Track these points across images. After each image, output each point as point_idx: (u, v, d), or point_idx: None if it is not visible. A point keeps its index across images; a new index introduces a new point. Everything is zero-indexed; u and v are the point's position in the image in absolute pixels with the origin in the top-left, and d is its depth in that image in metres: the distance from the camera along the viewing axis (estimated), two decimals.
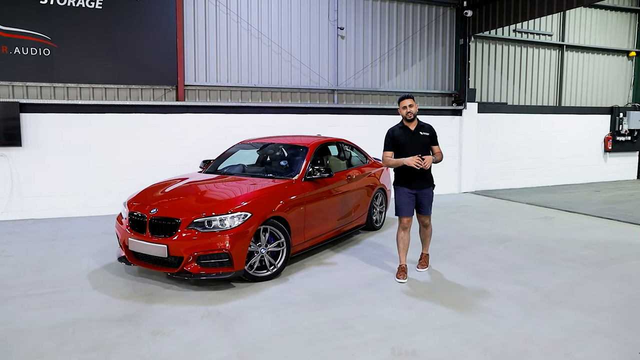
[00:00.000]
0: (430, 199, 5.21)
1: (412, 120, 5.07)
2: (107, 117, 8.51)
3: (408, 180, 5.08)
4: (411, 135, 5.07)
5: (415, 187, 5.09)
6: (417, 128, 5.10)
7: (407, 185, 5.10)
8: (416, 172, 4.99)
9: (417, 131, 5.08)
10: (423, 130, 5.11)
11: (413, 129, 5.09)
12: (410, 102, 5.02)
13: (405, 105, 5.02)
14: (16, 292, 4.71)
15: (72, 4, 8.20)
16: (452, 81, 11.58)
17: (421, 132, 5.09)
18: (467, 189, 11.50)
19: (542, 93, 12.69)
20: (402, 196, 5.13)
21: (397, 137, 5.11)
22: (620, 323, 4.07)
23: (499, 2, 10.43)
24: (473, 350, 3.56)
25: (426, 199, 5.16)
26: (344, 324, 4.03)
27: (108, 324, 3.97)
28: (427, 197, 5.16)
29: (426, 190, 5.14)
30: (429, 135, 5.11)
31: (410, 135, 5.07)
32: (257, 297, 4.62)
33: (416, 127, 5.10)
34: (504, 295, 4.70)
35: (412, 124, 5.10)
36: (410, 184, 5.08)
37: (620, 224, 7.99)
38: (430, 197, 5.21)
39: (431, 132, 5.15)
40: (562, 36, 12.66)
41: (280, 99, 10.01)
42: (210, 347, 3.60)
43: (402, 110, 5.06)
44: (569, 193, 11.26)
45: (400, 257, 5.20)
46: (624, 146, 13.30)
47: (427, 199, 5.17)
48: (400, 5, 10.89)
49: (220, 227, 4.68)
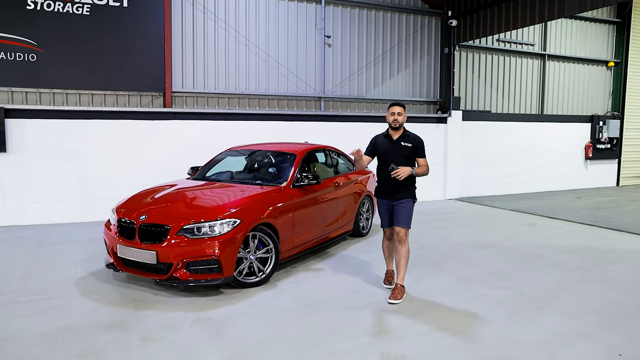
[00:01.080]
0: (407, 210, 4.79)
1: (397, 128, 4.83)
2: (94, 123, 8.47)
3: (382, 190, 4.92)
4: (392, 144, 4.84)
5: (389, 197, 4.84)
6: (400, 138, 4.84)
7: (381, 195, 4.93)
8: (390, 183, 4.76)
9: (398, 141, 4.83)
10: (406, 141, 4.83)
11: (395, 138, 4.85)
12: (399, 109, 4.80)
13: (394, 112, 4.80)
14: (2, 299, 4.66)
15: (60, 10, 8.17)
16: (437, 89, 11.77)
17: (403, 143, 4.82)
18: (452, 196, 11.66)
19: (525, 101, 12.96)
20: (379, 207, 5.00)
21: (378, 144, 4.94)
22: (602, 326, 4.19)
23: (482, 12, 10.66)
24: (461, 354, 3.64)
25: (401, 210, 4.78)
26: (334, 329, 4.08)
27: (97, 331, 3.96)
28: (402, 208, 4.78)
29: (403, 202, 4.79)
30: (411, 146, 4.81)
31: (391, 145, 4.85)
32: (247, 303, 4.64)
33: (399, 136, 4.85)
34: (489, 300, 4.79)
35: (396, 132, 4.86)
36: (384, 194, 4.89)
37: (601, 230, 8.18)
38: (407, 209, 4.79)
39: (415, 144, 4.83)
40: (543, 46, 12.96)
41: (268, 106, 10.07)
42: (201, 352, 3.62)
43: (389, 116, 4.85)
44: (551, 200, 11.48)
45: (387, 264, 5.18)
46: (604, 154, 13.63)
47: (401, 210, 4.78)
48: (387, 14, 11.05)
49: (210, 234, 4.70)
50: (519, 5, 9.80)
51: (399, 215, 4.80)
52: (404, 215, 4.80)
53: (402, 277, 4.89)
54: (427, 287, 5.20)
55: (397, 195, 4.81)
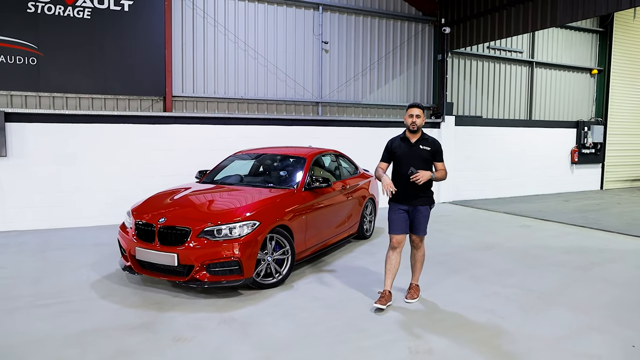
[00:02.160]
0: (425, 217, 4.71)
1: (415, 131, 4.67)
2: (94, 127, 8.43)
3: (399, 196, 4.63)
4: (410, 148, 4.68)
5: (407, 203, 4.68)
6: (418, 141, 4.69)
7: (398, 201, 4.69)
8: (407, 187, 4.60)
9: (417, 144, 4.67)
10: (424, 144, 4.68)
11: (413, 141, 4.69)
12: (418, 111, 4.61)
13: (412, 114, 4.61)
14: (20, 303, 4.64)
15: (60, 13, 8.14)
16: (430, 95, 12.02)
17: (421, 146, 4.67)
18: (446, 199, 11.89)
19: (514, 107, 13.33)
20: (393, 212, 4.77)
21: (394, 148, 4.76)
22: (612, 320, 4.39)
23: (475, 20, 10.97)
24: (486, 347, 3.78)
25: (419, 217, 4.69)
26: (358, 327, 4.18)
27: (125, 332, 3.99)
28: (421, 215, 4.69)
29: (421, 208, 4.68)
30: (429, 150, 4.67)
31: (409, 148, 4.68)
32: (267, 303, 4.71)
33: (417, 139, 4.69)
34: (501, 298, 4.96)
35: (414, 135, 4.70)
36: (402, 200, 4.67)
37: (593, 231, 8.48)
38: (425, 215, 4.71)
39: (434, 147, 4.70)
40: (532, 53, 13.36)
41: (266, 110, 10.15)
42: (235, 350, 3.69)
43: (407, 118, 4.66)
44: (540, 203, 11.81)
45: (385, 281, 4.74)
46: (589, 158, 14.08)
47: (420, 217, 4.69)
48: (382, 21, 11.27)
49: (230, 236, 4.77)
50: (512, 14, 10.12)
51: (418, 225, 4.72)
52: (423, 224, 4.74)
53: (417, 277, 4.97)
54: (439, 286, 5.33)
55: (416, 201, 4.68)
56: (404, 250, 4.84)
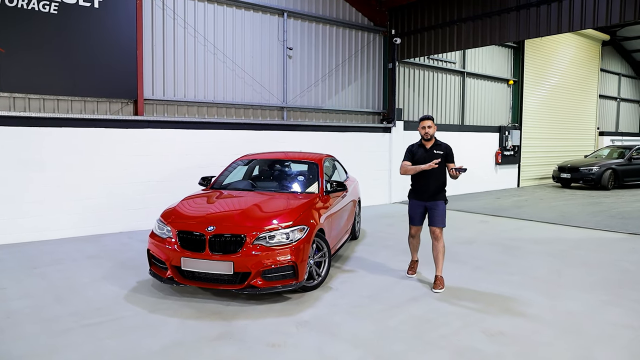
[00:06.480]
0: (441, 211, 5.54)
1: (429, 139, 5.60)
2: (61, 131, 7.78)
3: (418, 193, 5.64)
4: (426, 152, 5.59)
5: (425, 199, 5.58)
6: (433, 147, 5.60)
7: (417, 197, 5.66)
8: (427, 186, 5.54)
9: (432, 149, 5.58)
10: (438, 149, 5.58)
11: (428, 147, 5.61)
12: (429, 123, 5.55)
13: (425, 126, 5.56)
14: (66, 324, 4.29)
15: (24, 6, 7.40)
16: (381, 101, 12.72)
17: (435, 151, 5.55)
18: (397, 200, 12.66)
19: (450, 113, 14.55)
20: (413, 208, 5.74)
21: (414, 152, 5.69)
22: (615, 296, 5.23)
23: (420, 35, 11.87)
24: (538, 326, 4.35)
25: (439, 210, 5.53)
26: (421, 317, 4.54)
27: (211, 343, 3.93)
28: (437, 208, 5.53)
29: (437, 203, 5.54)
30: (442, 153, 5.54)
31: (425, 153, 5.58)
32: (323, 304, 4.87)
33: (432, 145, 5.61)
34: (515, 284, 5.62)
35: (428, 142, 5.62)
36: (421, 196, 5.62)
37: (540, 224, 9.65)
38: (441, 209, 5.54)
39: (446, 151, 5.59)
40: (463, 64, 14.70)
41: (235, 115, 10.07)
42: (337, 350, 3.83)
43: (421, 129, 5.60)
44: (477, 200, 13.06)
45: (412, 254, 6.03)
46: (509, 159, 15.83)
47: (437, 210, 5.53)
48: (339, 30, 11.71)
49: (285, 241, 4.85)
50: (455, 31, 11.13)
51: (436, 217, 5.58)
52: (440, 217, 5.59)
53: (440, 268, 5.59)
54: (453, 277, 5.81)
55: (436, 197, 5.57)
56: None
